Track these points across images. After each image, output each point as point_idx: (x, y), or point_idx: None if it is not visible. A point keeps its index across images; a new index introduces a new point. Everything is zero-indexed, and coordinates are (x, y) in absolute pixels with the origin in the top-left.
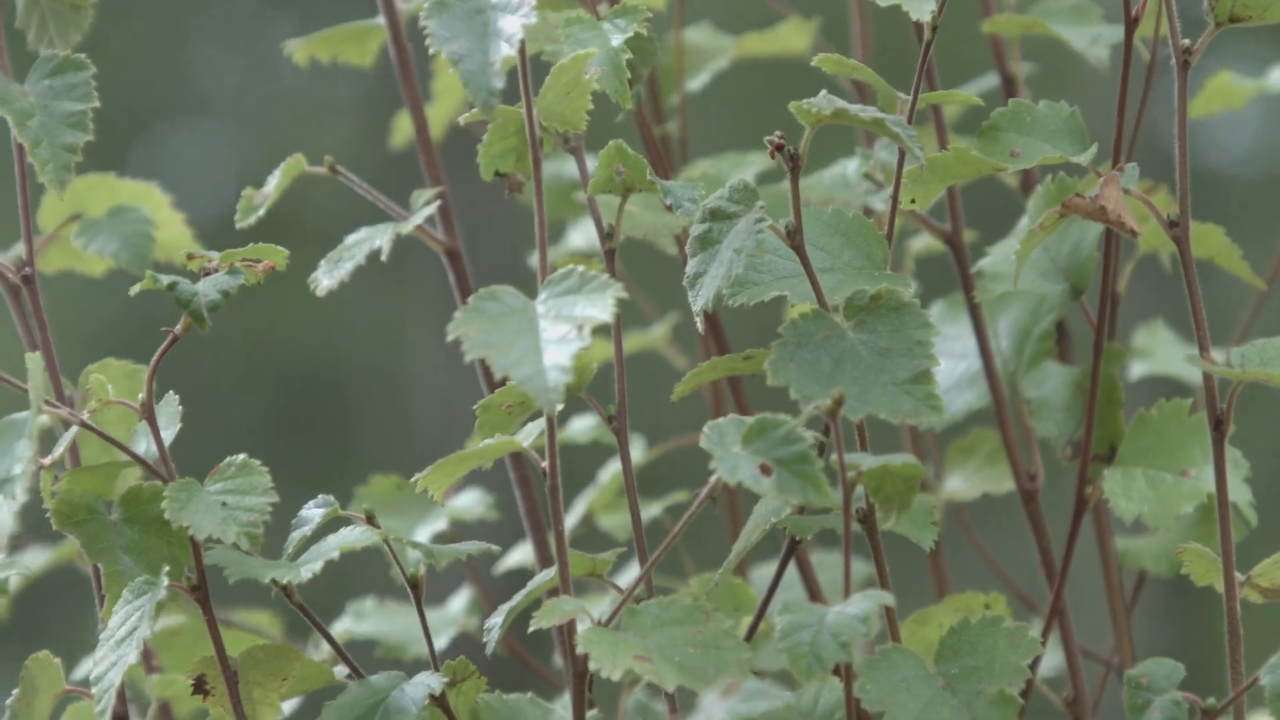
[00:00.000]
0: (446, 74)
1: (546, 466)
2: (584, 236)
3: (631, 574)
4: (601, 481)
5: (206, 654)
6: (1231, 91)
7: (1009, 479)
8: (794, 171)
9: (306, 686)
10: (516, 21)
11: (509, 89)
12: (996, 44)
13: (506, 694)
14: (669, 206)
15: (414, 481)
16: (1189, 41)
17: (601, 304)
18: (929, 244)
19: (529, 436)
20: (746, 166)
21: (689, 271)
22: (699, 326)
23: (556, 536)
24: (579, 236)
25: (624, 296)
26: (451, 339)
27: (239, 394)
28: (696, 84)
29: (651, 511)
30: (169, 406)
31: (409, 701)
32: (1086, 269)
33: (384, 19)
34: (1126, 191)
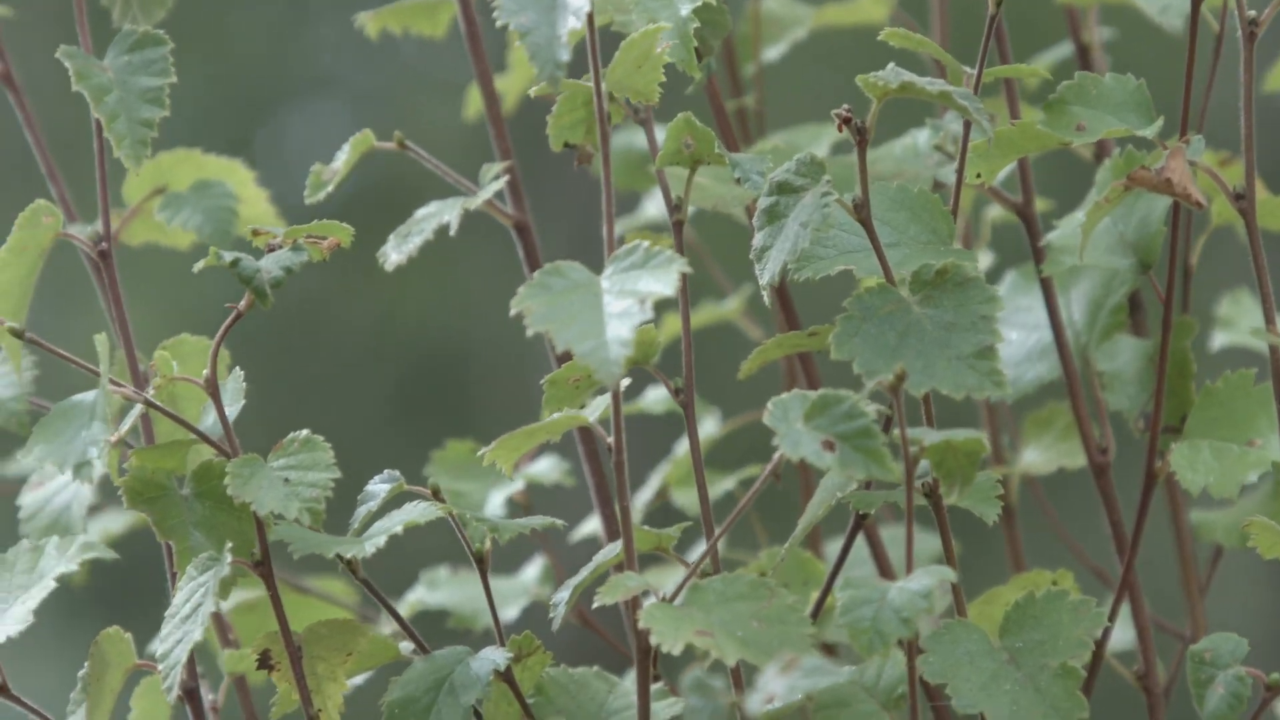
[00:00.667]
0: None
1: (612, 442)
2: (659, 208)
3: (702, 549)
4: (676, 455)
5: (273, 629)
6: None
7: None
8: (861, 144)
9: (372, 662)
10: None
11: (579, 59)
12: (1072, 13)
13: (575, 667)
14: (737, 180)
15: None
16: (1255, 13)
17: (665, 278)
18: (1006, 213)
19: (595, 411)
20: (822, 139)
21: (755, 245)
22: (766, 301)
23: (621, 512)
24: (654, 207)
25: (688, 271)
26: (514, 314)
27: (366, 372)
28: (774, 54)
29: (725, 486)
30: (234, 382)
31: (474, 677)
32: (1154, 243)
33: None
34: (1192, 164)
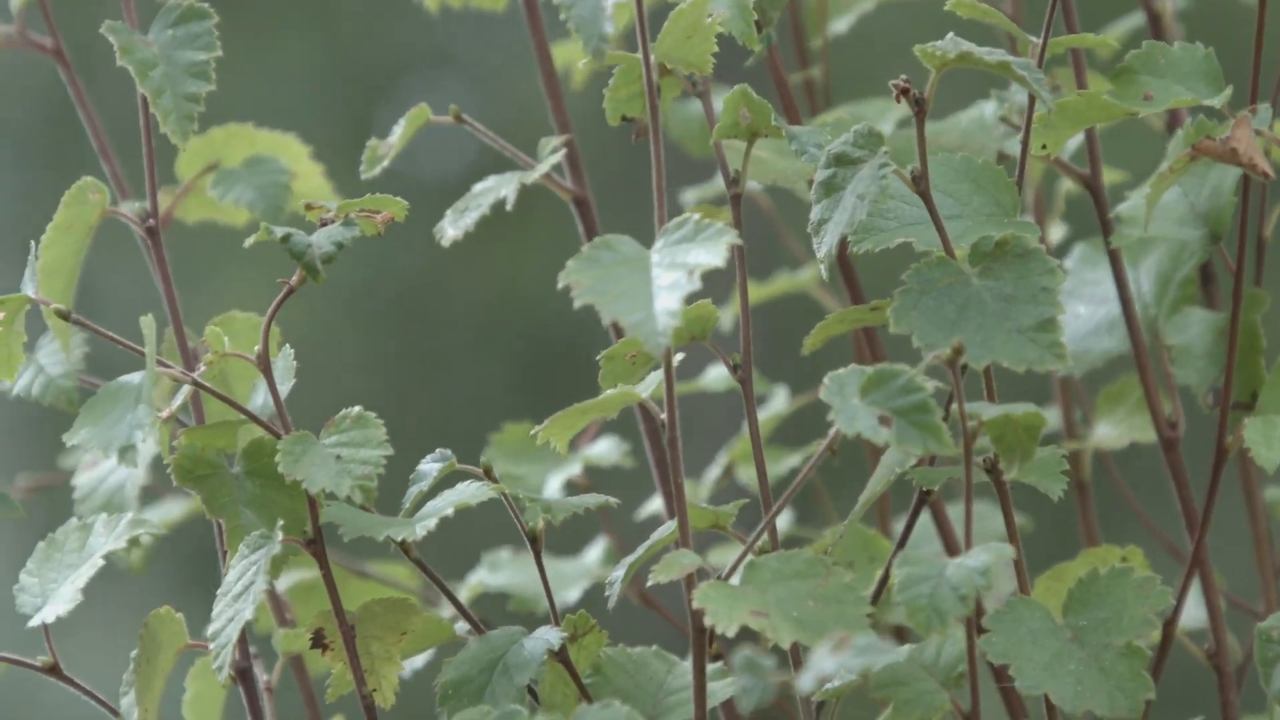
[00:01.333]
0: None
1: (665, 418)
2: None
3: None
4: (744, 432)
5: (326, 608)
6: None
7: None
8: (920, 116)
9: (427, 642)
10: None
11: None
12: None
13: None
14: (796, 153)
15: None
16: None
17: (714, 250)
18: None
19: (649, 387)
20: (890, 112)
21: (813, 218)
22: (823, 274)
23: (676, 489)
24: None
25: (739, 243)
26: (561, 286)
27: (484, 351)
28: (842, 26)
29: (790, 463)
30: (284, 360)
31: (528, 657)
32: (1225, 214)
33: None
34: (1259, 133)
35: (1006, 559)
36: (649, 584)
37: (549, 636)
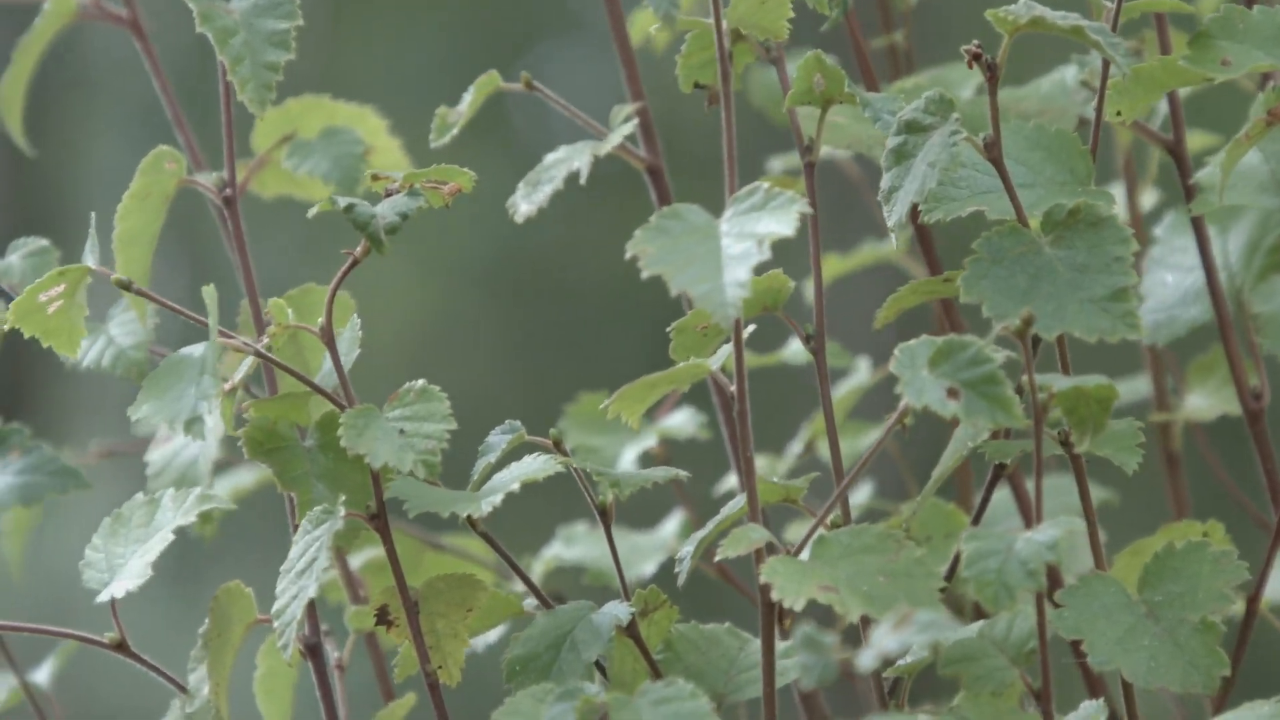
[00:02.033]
0: None
1: (734, 390)
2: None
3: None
4: None
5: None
6: None
7: None
8: (991, 81)
9: (494, 618)
10: None
11: None
12: None
13: (708, 622)
14: (870, 119)
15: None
16: None
17: (785, 219)
18: None
19: (719, 359)
20: (971, 77)
21: (883, 186)
22: (894, 243)
23: (745, 463)
24: None
25: (809, 211)
26: (629, 256)
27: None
28: None
29: (872, 436)
30: (350, 331)
31: (596, 632)
32: None
33: None
34: None
35: (1078, 533)
36: (716, 559)
37: (618, 612)
